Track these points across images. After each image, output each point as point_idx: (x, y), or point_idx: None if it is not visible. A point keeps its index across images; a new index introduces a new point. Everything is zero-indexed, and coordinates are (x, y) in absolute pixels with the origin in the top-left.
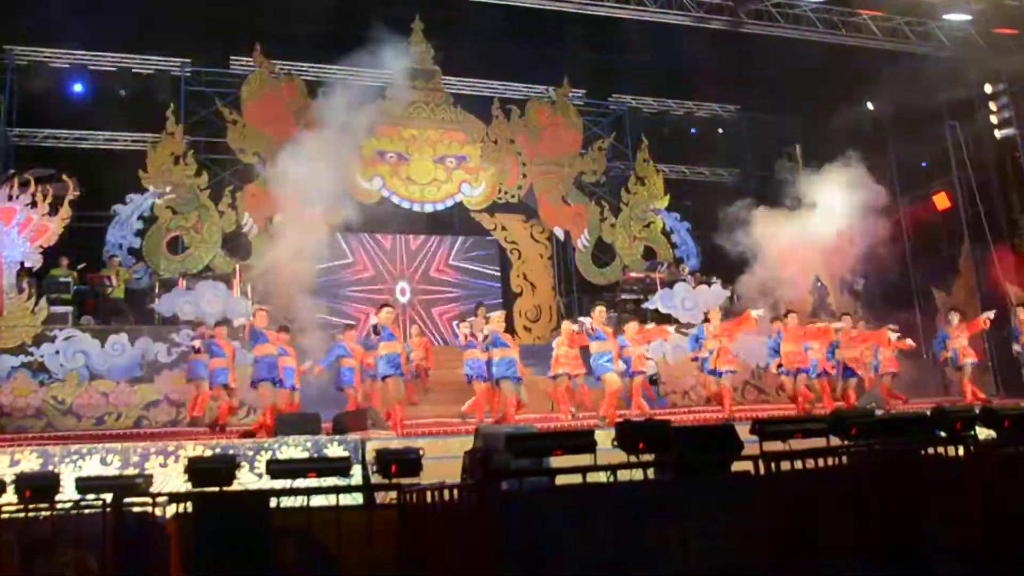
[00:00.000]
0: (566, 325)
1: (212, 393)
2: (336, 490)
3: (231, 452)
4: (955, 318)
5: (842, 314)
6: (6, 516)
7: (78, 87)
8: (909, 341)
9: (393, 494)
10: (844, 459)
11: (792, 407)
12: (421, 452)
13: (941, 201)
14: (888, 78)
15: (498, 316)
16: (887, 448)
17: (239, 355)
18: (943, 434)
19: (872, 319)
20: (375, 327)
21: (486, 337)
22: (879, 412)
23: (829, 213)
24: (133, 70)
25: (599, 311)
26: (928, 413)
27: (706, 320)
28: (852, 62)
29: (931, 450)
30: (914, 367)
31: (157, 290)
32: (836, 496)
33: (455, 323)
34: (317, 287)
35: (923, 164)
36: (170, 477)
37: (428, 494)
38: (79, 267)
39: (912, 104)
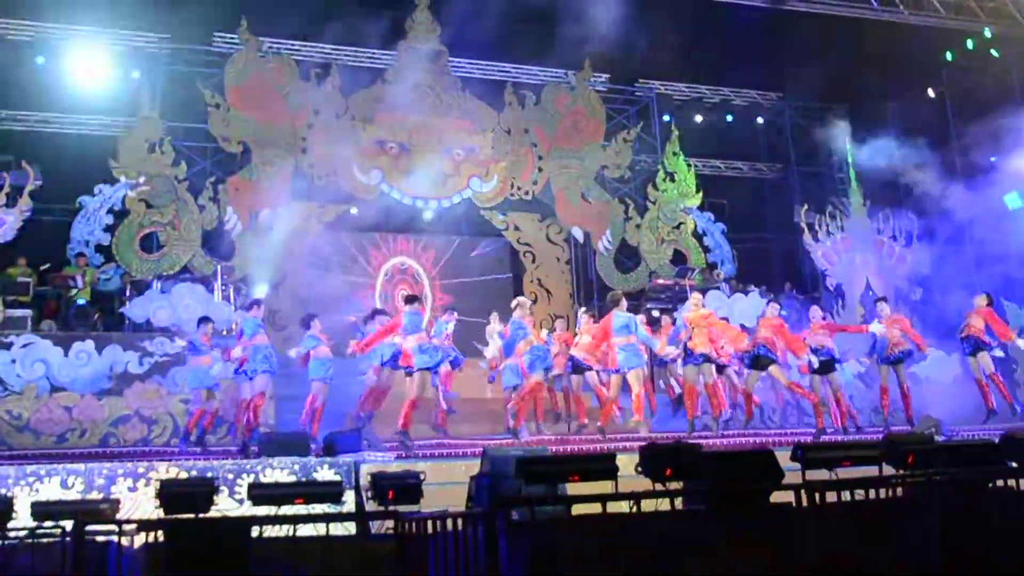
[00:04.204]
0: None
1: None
2: (326, 518)
3: (208, 475)
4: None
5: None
6: None
7: (40, 62)
8: None
9: (390, 523)
10: (899, 491)
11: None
12: (422, 477)
13: (1012, 201)
14: (953, 61)
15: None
16: (949, 479)
17: None
18: (1015, 464)
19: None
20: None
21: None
22: (940, 438)
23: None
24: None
25: (523, 302)
26: (996, 440)
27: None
28: (911, 43)
29: (1000, 482)
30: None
31: (128, 292)
32: (889, 533)
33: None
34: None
35: (992, 159)
36: (140, 502)
37: (429, 523)
38: (40, 266)
39: (980, 90)
